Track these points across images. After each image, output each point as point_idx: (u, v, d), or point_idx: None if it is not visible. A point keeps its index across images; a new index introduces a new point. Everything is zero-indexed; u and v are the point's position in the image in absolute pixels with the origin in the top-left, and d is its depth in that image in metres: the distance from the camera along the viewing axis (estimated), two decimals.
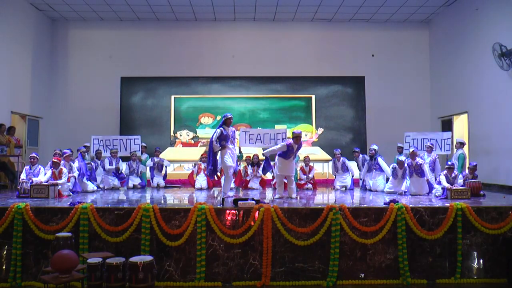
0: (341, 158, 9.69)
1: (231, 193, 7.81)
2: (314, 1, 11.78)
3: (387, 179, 8.84)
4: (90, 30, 13.23)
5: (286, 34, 13.32)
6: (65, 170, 7.87)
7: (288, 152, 7.50)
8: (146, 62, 13.12)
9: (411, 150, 8.39)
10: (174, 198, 8.21)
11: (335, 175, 9.85)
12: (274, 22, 13.33)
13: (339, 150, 9.89)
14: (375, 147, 9.27)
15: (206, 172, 9.43)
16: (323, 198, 8.19)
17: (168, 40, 13.24)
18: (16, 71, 11.28)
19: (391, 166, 8.67)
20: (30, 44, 11.99)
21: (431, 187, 8.09)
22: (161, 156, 10.66)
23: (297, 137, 7.51)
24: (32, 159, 7.87)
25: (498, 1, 10.03)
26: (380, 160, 9.04)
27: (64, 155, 8.43)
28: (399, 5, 12.03)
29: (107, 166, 9.65)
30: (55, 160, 7.86)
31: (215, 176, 8.32)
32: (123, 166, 10.12)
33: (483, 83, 10.60)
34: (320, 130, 12.83)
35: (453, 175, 7.51)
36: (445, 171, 7.59)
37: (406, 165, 8.26)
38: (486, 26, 10.47)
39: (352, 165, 9.97)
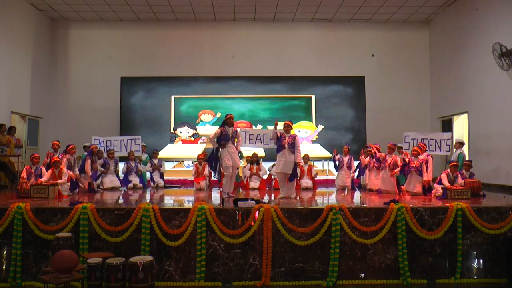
0: (349, 155, 9.68)
1: (231, 193, 7.82)
2: (314, 1, 11.78)
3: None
4: (90, 30, 13.24)
5: (286, 34, 13.33)
6: (65, 170, 7.86)
7: (280, 143, 7.43)
8: (146, 62, 13.13)
9: (413, 147, 8.42)
10: (174, 198, 8.21)
11: (337, 173, 9.80)
12: (274, 22, 13.33)
13: (348, 145, 9.91)
14: (377, 145, 9.28)
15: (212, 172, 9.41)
16: (323, 198, 8.19)
17: (168, 40, 13.24)
18: (16, 71, 11.29)
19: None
20: (30, 44, 11.99)
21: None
22: (161, 153, 10.65)
23: (285, 125, 7.49)
24: (34, 159, 7.86)
25: (498, 1, 10.03)
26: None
27: (68, 147, 8.46)
28: (399, 5, 12.03)
29: (99, 168, 9.61)
30: (56, 160, 7.85)
31: (217, 175, 8.29)
32: (120, 166, 10.07)
33: (483, 83, 10.60)
34: (320, 127, 12.84)
35: (455, 174, 7.50)
36: (448, 170, 7.58)
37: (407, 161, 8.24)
38: (486, 26, 10.47)
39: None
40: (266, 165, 10.40)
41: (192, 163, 10.39)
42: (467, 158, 9.62)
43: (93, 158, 9.09)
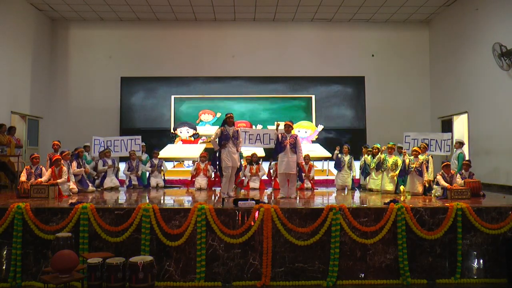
0: (349, 155, 9.68)
1: (232, 193, 7.82)
2: (314, 1, 11.79)
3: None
4: (90, 30, 13.24)
5: (286, 34, 13.33)
6: (65, 168, 7.84)
7: (281, 143, 7.44)
8: (146, 62, 13.13)
9: (414, 147, 8.43)
10: (174, 198, 8.21)
11: (336, 173, 9.80)
12: (274, 22, 13.33)
13: (348, 145, 9.90)
14: (378, 145, 9.27)
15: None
16: (323, 198, 8.19)
17: (168, 40, 13.24)
18: (16, 71, 11.29)
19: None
20: (30, 44, 11.99)
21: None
22: (161, 153, 10.64)
23: (286, 126, 7.52)
24: (34, 159, 7.85)
25: (498, 1, 10.03)
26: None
27: (63, 154, 8.42)
28: (399, 5, 12.04)
29: (100, 167, 9.62)
30: (57, 157, 7.83)
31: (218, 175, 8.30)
32: (120, 167, 10.09)
33: (483, 83, 10.61)
34: (320, 127, 12.84)
35: (450, 174, 7.50)
36: (442, 171, 7.58)
37: (407, 162, 8.23)
38: (486, 26, 10.47)
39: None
40: (266, 165, 10.40)
41: (193, 162, 10.40)
42: (467, 158, 9.62)
43: (79, 161, 9.08)
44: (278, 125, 7.69)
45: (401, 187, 8.48)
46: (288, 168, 7.44)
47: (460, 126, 11.90)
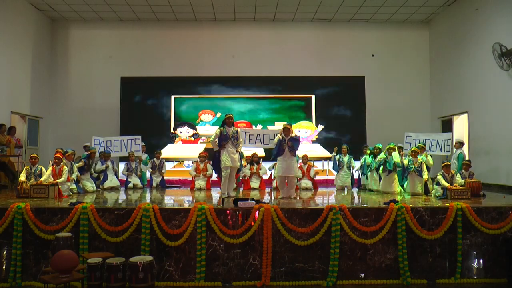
0: (348, 155, 9.67)
1: (232, 193, 7.82)
2: (314, 1, 11.79)
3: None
4: (90, 30, 13.24)
5: (286, 34, 13.33)
6: (65, 168, 7.84)
7: (280, 146, 7.44)
8: (146, 62, 13.13)
9: (413, 148, 8.42)
10: (174, 198, 8.21)
11: (336, 173, 9.79)
12: (274, 22, 13.34)
13: (347, 146, 9.88)
14: (380, 146, 9.27)
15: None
16: (323, 198, 8.19)
17: (168, 40, 13.24)
18: (16, 71, 11.29)
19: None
20: (30, 44, 11.99)
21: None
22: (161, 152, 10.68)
23: (285, 128, 7.48)
24: (33, 159, 7.85)
25: (498, 1, 10.03)
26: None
27: (66, 154, 8.42)
28: (399, 5, 12.04)
29: (98, 167, 9.61)
30: (58, 155, 7.83)
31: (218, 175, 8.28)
32: (120, 166, 10.09)
33: (483, 83, 10.61)
34: (320, 127, 12.84)
35: (450, 174, 7.50)
36: (442, 171, 7.58)
37: (407, 162, 8.23)
38: (486, 26, 10.47)
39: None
40: (266, 165, 10.40)
41: (192, 163, 10.40)
42: (467, 158, 9.62)
43: (89, 162, 9.08)
44: (281, 133, 7.57)
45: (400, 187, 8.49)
46: (287, 171, 7.47)
47: (460, 126, 11.91)
